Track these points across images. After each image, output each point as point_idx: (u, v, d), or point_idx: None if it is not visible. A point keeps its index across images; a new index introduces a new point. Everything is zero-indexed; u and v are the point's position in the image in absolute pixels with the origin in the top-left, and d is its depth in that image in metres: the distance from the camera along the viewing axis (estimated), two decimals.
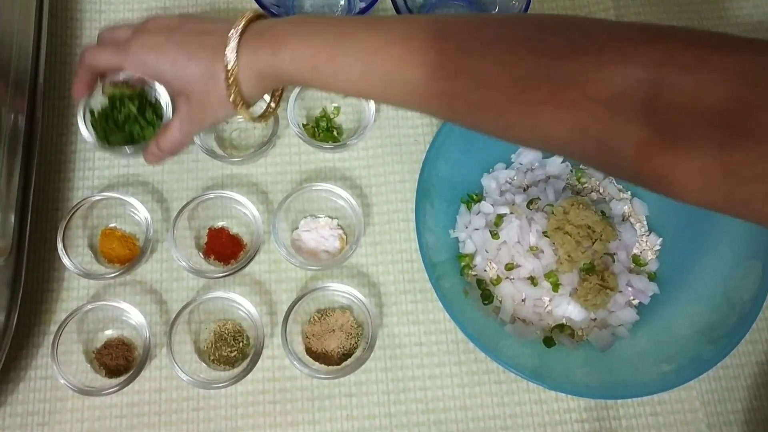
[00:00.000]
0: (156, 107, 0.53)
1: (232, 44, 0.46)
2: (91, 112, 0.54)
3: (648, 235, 0.63)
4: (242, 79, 0.47)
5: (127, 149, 0.54)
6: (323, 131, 0.66)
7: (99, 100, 0.54)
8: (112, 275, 0.59)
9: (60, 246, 0.59)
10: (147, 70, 0.50)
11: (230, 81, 0.47)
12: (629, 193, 0.64)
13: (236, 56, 0.46)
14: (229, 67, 0.46)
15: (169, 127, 0.52)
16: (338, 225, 0.63)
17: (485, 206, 0.62)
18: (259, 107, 0.56)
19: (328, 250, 0.62)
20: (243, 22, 0.47)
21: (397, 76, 0.42)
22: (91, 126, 0.54)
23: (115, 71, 0.52)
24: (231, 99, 0.48)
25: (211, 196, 0.61)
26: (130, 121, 0.53)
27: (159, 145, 0.53)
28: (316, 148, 0.65)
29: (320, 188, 0.62)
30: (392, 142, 0.67)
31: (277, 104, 0.56)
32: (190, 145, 0.65)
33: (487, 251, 0.61)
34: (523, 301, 0.60)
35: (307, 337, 0.60)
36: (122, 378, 0.56)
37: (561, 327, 0.60)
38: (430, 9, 0.71)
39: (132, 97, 0.53)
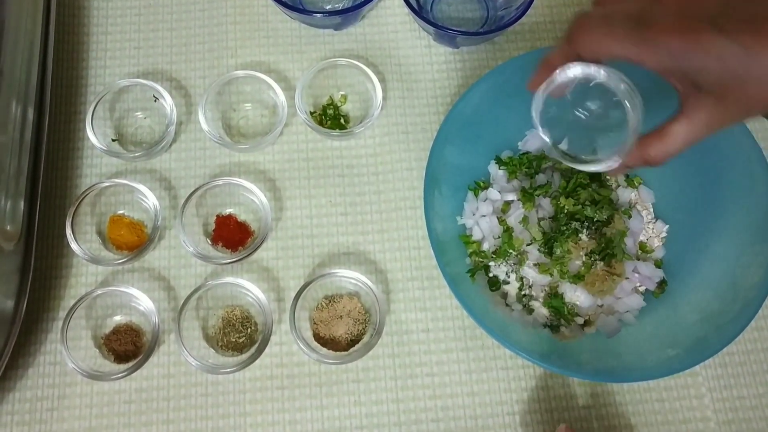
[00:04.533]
0: None
1: None
2: None
3: (654, 222, 0.63)
4: None
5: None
6: (330, 119, 0.66)
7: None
8: (121, 261, 0.59)
9: (69, 232, 0.59)
10: (680, 62, 0.37)
11: None
12: (636, 180, 0.65)
13: None
14: None
15: (670, 134, 0.42)
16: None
17: (492, 193, 0.62)
18: None
19: None
20: None
21: None
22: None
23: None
24: None
25: (219, 183, 0.61)
26: None
27: (650, 158, 0.43)
28: (323, 136, 0.65)
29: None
30: (399, 130, 0.67)
31: None
32: (198, 132, 0.65)
33: (494, 238, 0.61)
34: (530, 287, 0.60)
35: (314, 323, 0.60)
36: (131, 363, 0.57)
37: (569, 313, 0.60)
38: (435, 1, 0.71)
39: None
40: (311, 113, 0.66)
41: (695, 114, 0.40)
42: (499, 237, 0.61)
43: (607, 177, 0.64)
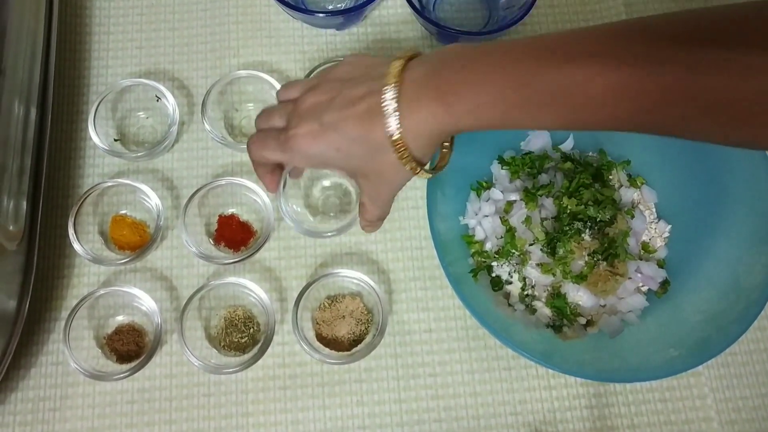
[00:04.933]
0: None
1: (390, 109, 0.40)
2: None
3: (657, 222, 0.63)
4: (412, 145, 0.41)
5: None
6: None
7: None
8: (123, 261, 0.59)
9: (71, 232, 0.59)
10: (314, 163, 0.46)
11: (400, 151, 0.41)
12: (639, 180, 0.65)
13: (399, 123, 0.40)
14: (394, 138, 0.40)
15: (363, 206, 0.49)
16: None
17: (495, 193, 0.62)
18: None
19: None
20: (394, 77, 0.41)
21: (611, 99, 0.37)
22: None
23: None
24: (407, 168, 0.42)
25: (222, 182, 0.61)
26: None
27: (365, 219, 0.51)
28: None
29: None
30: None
31: (450, 149, 0.48)
32: (201, 132, 0.65)
33: (497, 238, 0.61)
34: (532, 287, 0.60)
35: (317, 323, 0.60)
36: (133, 364, 0.57)
37: (571, 313, 0.60)
38: (437, 1, 0.71)
39: None
40: None
41: (362, 191, 0.48)
42: (501, 237, 0.61)
43: (610, 177, 0.64)
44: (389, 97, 0.40)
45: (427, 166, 0.44)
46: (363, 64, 0.45)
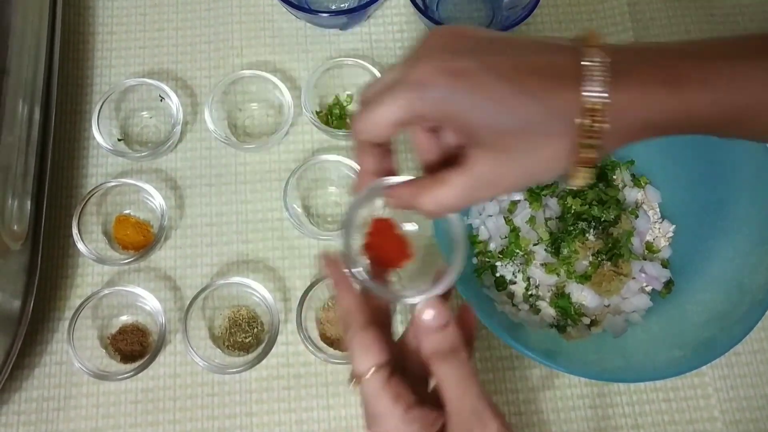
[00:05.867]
0: None
1: (596, 72, 0.31)
2: None
3: (661, 222, 0.63)
4: (612, 122, 0.31)
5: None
6: (336, 119, 0.66)
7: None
8: (127, 261, 0.59)
9: (75, 232, 0.59)
10: (449, 110, 0.32)
11: (593, 129, 0.31)
12: (643, 180, 0.64)
13: (606, 91, 0.31)
14: (594, 105, 0.31)
15: (445, 182, 0.34)
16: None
17: None
18: None
19: None
20: (595, 39, 0.32)
21: None
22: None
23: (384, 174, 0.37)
24: (580, 155, 0.32)
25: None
26: None
27: (420, 202, 0.35)
28: (329, 136, 0.65)
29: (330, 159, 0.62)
30: (406, 130, 0.67)
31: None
32: (204, 132, 0.65)
33: (501, 237, 0.61)
34: (536, 287, 0.60)
35: (321, 323, 0.60)
36: (137, 363, 0.57)
37: (575, 313, 0.60)
38: (441, 1, 0.71)
39: None
40: (317, 113, 0.66)
41: (475, 167, 0.33)
42: (505, 237, 0.61)
43: (614, 177, 0.64)
44: (596, 58, 0.31)
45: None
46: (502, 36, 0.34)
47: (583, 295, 0.59)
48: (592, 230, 0.59)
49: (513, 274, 0.61)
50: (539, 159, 0.33)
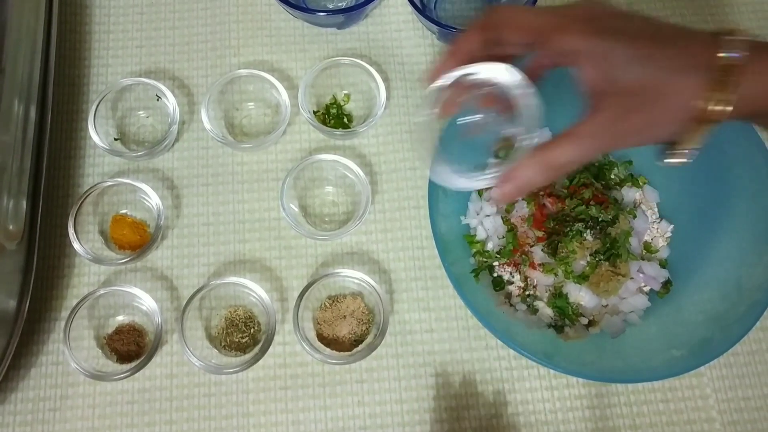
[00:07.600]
0: None
1: (737, 47, 0.34)
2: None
3: (659, 222, 0.63)
4: (747, 79, 0.34)
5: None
6: (334, 118, 0.66)
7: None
8: (123, 261, 0.59)
9: (71, 232, 0.59)
10: (595, 52, 0.36)
11: (727, 83, 0.34)
12: (641, 179, 0.64)
13: (742, 55, 0.34)
14: (735, 63, 0.34)
15: (574, 134, 0.37)
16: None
17: None
18: None
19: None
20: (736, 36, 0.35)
21: None
22: None
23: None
24: (709, 108, 0.34)
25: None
26: None
27: (547, 159, 0.37)
28: (326, 135, 0.65)
29: (327, 159, 0.62)
30: (402, 129, 0.67)
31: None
32: (201, 131, 0.65)
33: (498, 237, 0.60)
34: (534, 287, 0.60)
35: (318, 323, 0.60)
36: (133, 364, 0.56)
37: (573, 313, 0.60)
38: (439, 0, 0.71)
39: None
40: (314, 112, 0.66)
41: (607, 110, 0.36)
42: (503, 237, 0.61)
43: (612, 176, 0.63)
44: (737, 36, 0.34)
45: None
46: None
47: (580, 296, 0.59)
48: (589, 230, 0.59)
49: (510, 274, 0.60)
50: (665, 108, 0.35)
